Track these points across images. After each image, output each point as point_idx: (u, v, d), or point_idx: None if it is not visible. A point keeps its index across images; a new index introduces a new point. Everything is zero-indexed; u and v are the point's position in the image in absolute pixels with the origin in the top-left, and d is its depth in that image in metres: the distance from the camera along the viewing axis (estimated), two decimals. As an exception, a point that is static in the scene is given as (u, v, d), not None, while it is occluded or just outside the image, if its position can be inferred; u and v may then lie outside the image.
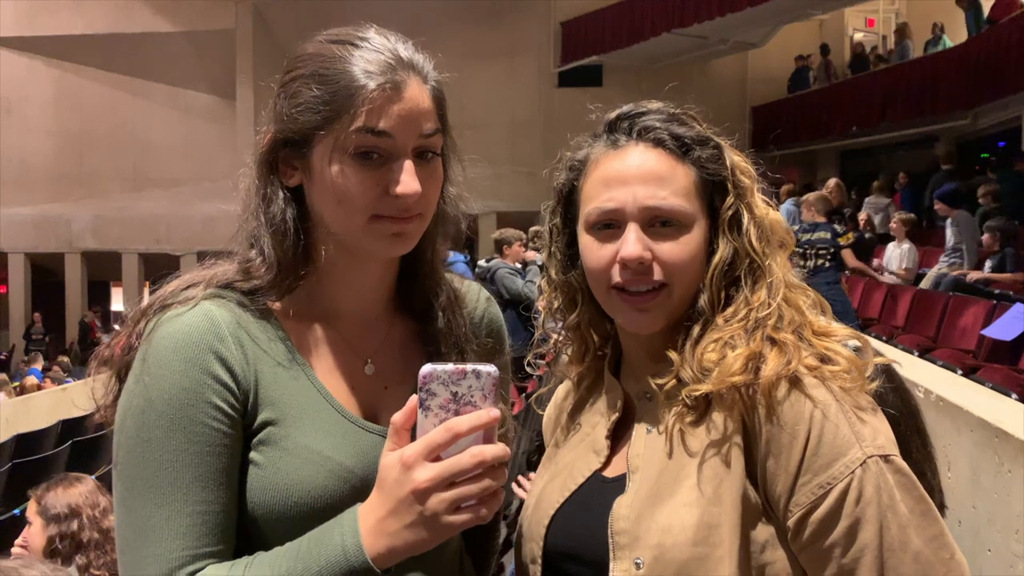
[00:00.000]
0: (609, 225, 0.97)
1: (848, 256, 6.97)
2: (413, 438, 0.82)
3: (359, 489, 0.91)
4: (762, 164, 1.04)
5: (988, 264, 6.93)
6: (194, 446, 0.87)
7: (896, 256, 8.03)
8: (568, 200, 1.04)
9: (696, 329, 0.95)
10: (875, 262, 8.48)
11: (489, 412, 0.80)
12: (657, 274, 0.95)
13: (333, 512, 0.88)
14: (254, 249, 0.97)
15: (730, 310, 0.95)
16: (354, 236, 0.93)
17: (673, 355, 0.95)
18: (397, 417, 0.83)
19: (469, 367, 0.81)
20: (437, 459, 0.79)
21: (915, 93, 12.20)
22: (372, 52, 0.91)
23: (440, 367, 0.81)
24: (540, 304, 1.11)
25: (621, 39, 14.76)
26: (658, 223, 0.95)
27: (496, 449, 0.80)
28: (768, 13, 12.98)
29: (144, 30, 16.63)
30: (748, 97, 16.45)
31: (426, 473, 0.79)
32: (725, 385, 0.88)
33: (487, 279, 6.04)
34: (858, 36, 16.56)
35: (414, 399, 0.82)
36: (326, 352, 0.98)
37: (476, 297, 1.13)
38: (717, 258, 0.96)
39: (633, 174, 0.96)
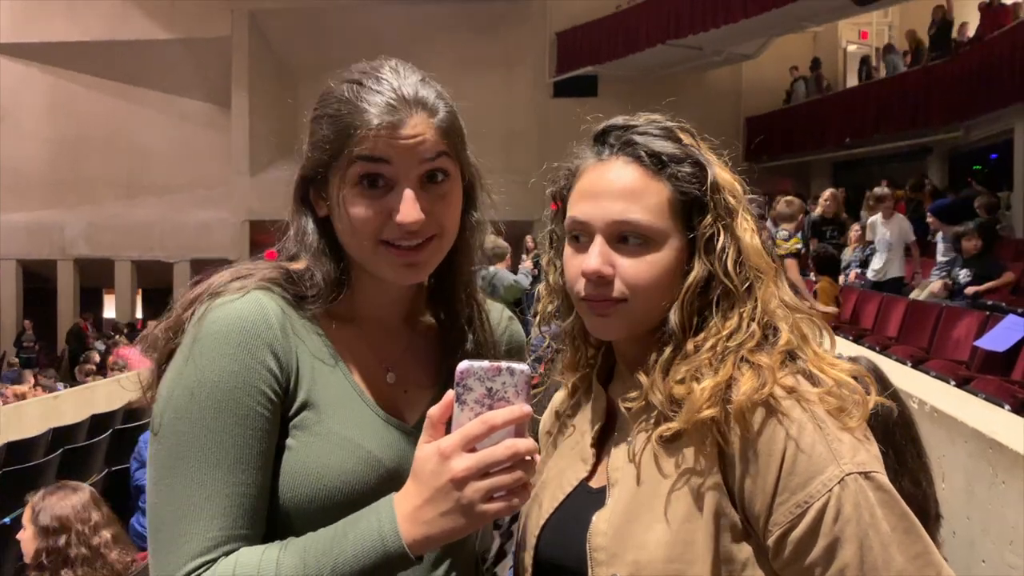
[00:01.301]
0: (582, 237, 0.98)
1: (790, 267, 6.48)
2: (447, 431, 0.86)
3: (385, 479, 0.95)
4: (745, 181, 1.02)
5: (963, 272, 6.86)
6: (238, 428, 0.89)
7: (886, 236, 7.85)
8: (564, 207, 1.05)
9: (667, 351, 0.94)
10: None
11: (522, 407, 0.84)
12: (617, 290, 0.95)
13: (360, 499, 0.91)
14: (295, 263, 1.02)
15: (701, 336, 0.93)
16: (367, 262, 0.99)
17: (642, 377, 0.94)
18: (434, 411, 0.86)
19: (504, 364, 0.84)
20: (472, 450, 0.83)
21: (908, 105, 12.30)
22: (377, 93, 0.95)
23: (476, 363, 0.84)
24: (537, 308, 1.12)
25: (616, 50, 14.85)
26: (625, 238, 0.95)
27: (528, 443, 0.84)
28: (762, 25, 13.08)
29: (140, 37, 16.65)
30: (742, 108, 16.54)
31: (463, 463, 0.82)
32: (694, 421, 0.88)
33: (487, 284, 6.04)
34: (851, 48, 16.68)
35: (450, 394, 0.85)
36: (357, 355, 1.02)
37: (499, 316, 1.18)
38: (690, 279, 0.94)
39: (605, 188, 0.96)
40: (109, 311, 18.29)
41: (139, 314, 17.63)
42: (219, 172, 16.59)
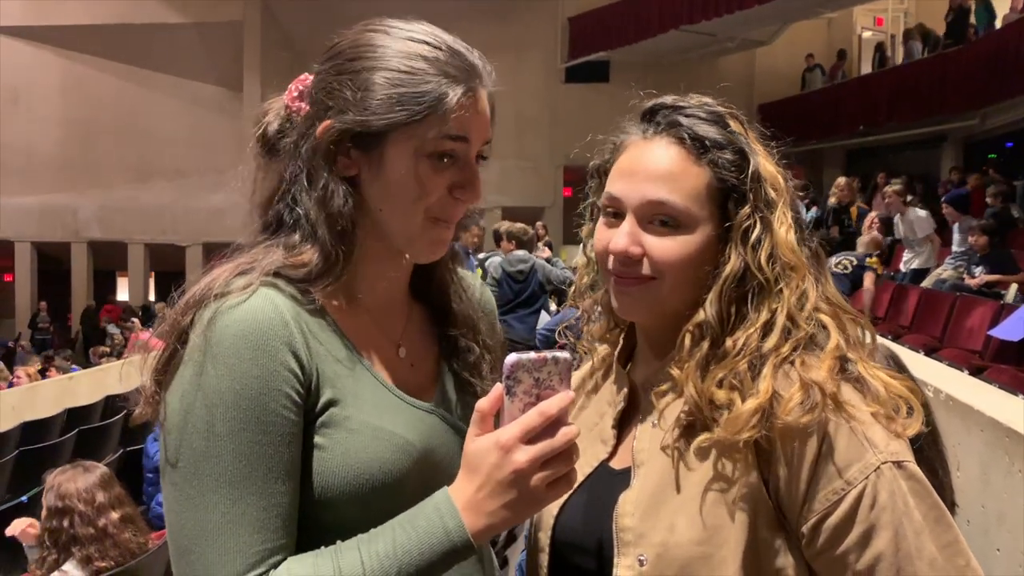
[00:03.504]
0: (616, 214, 0.97)
1: (869, 280, 6.71)
2: (495, 422, 0.87)
3: (419, 462, 0.94)
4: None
5: (979, 270, 6.84)
6: (267, 437, 0.85)
7: (909, 228, 7.83)
8: (604, 181, 1.04)
9: (704, 346, 0.93)
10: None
11: (568, 394, 0.85)
12: (646, 268, 0.95)
13: (399, 487, 0.91)
14: (297, 233, 0.95)
15: (739, 334, 0.92)
16: (407, 235, 0.96)
17: (675, 371, 0.94)
18: (483, 404, 0.86)
19: (549, 354, 0.85)
20: (529, 441, 0.84)
21: (923, 93, 12.17)
22: (451, 55, 0.93)
23: (525, 356, 0.85)
24: (576, 279, 1.13)
25: (629, 35, 14.75)
26: (657, 220, 0.94)
27: (576, 427, 0.85)
28: (776, 11, 12.97)
29: (152, 21, 16.64)
30: (755, 95, 16.43)
31: (525, 455, 0.83)
32: (736, 438, 0.87)
33: (527, 275, 5.95)
34: (866, 35, 16.53)
35: (499, 387, 0.85)
36: (368, 338, 0.99)
37: (475, 284, 1.18)
38: (728, 270, 0.93)
39: (644, 167, 0.95)
40: (122, 294, 18.38)
41: (152, 297, 17.73)
42: (230, 156, 16.57)
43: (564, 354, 0.86)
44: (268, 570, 0.84)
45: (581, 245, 1.12)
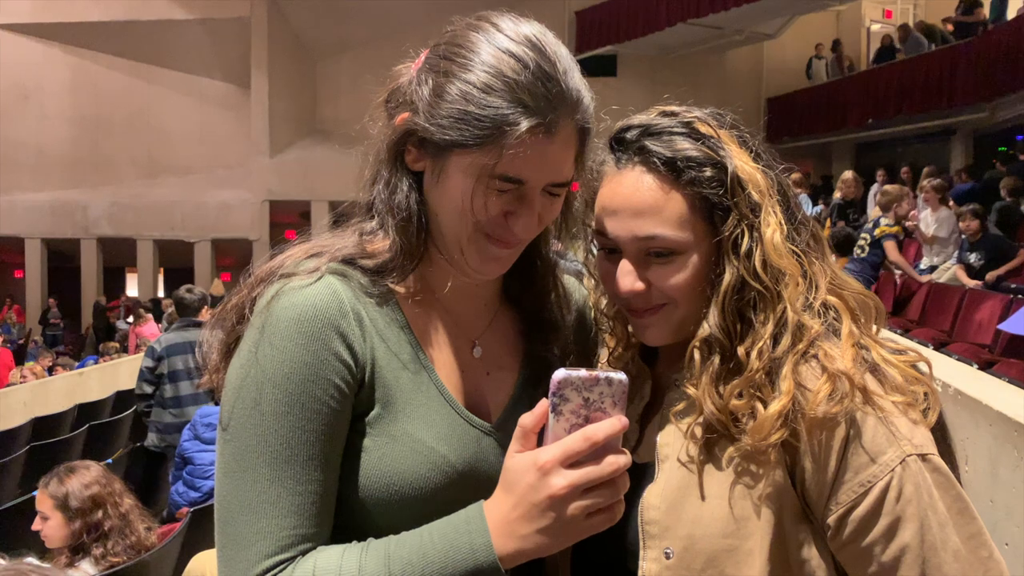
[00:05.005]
0: (613, 250, 0.97)
1: (890, 248, 6.82)
2: (538, 439, 0.82)
3: (455, 481, 0.91)
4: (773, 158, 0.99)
5: (973, 256, 6.83)
6: (311, 424, 0.85)
7: (930, 222, 7.84)
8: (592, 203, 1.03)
9: (716, 361, 0.92)
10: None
11: (620, 420, 0.80)
12: (656, 298, 0.95)
13: (428, 501, 0.88)
14: (375, 220, 0.95)
15: (749, 343, 0.91)
16: (457, 244, 0.92)
17: (690, 389, 0.93)
18: (527, 420, 0.82)
19: (602, 374, 0.81)
20: (571, 465, 0.79)
21: (932, 85, 12.10)
22: (536, 79, 0.85)
23: (574, 373, 0.80)
24: (591, 300, 1.12)
25: (636, 29, 14.68)
26: (652, 252, 0.94)
27: (626, 458, 0.81)
28: (784, 4, 12.91)
29: (160, 17, 16.66)
30: (763, 88, 16.36)
31: (563, 480, 0.78)
32: (764, 445, 0.87)
33: None
34: (875, 27, 16.43)
35: (544, 403, 0.81)
36: (439, 335, 0.97)
37: (580, 301, 1.13)
38: (724, 284, 0.92)
39: (624, 204, 0.94)
40: (132, 290, 18.47)
41: (161, 293, 17.81)
42: (238, 152, 16.63)
43: (619, 375, 0.81)
44: (296, 555, 0.84)
45: (585, 269, 1.10)
